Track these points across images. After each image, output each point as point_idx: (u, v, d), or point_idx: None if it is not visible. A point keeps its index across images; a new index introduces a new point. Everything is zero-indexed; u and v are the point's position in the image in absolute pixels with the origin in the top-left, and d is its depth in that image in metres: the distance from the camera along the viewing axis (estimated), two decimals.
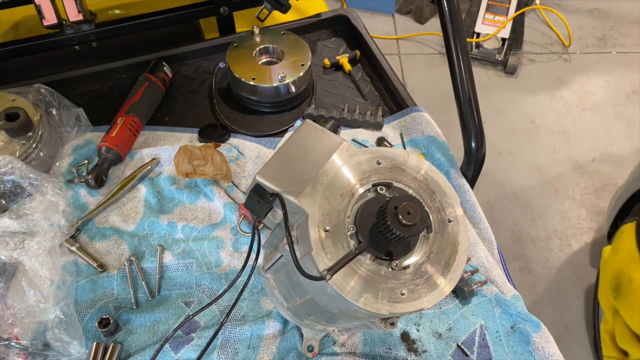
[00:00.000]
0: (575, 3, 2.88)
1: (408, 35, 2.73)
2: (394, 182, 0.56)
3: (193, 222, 0.91)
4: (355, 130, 1.05)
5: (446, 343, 0.80)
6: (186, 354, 0.76)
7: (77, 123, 0.99)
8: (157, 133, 1.03)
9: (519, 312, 0.82)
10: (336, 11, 1.25)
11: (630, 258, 1.06)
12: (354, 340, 0.80)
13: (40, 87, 0.98)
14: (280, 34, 1.11)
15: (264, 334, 0.79)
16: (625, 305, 0.95)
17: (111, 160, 0.94)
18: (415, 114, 1.05)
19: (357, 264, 0.51)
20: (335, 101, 1.11)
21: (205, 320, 0.81)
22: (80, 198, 0.93)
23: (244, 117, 1.08)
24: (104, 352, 0.76)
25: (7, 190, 0.84)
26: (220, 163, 0.94)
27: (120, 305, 0.82)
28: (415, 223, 0.48)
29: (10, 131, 0.89)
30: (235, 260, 0.87)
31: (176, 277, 0.86)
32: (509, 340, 0.80)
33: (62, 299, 0.77)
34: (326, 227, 0.51)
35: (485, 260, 0.88)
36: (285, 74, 1.03)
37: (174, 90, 1.11)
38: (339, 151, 0.57)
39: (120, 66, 1.13)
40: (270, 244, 0.68)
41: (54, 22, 1.02)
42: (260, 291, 0.84)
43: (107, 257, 0.87)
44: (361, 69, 1.17)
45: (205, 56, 1.18)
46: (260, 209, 0.56)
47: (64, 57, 1.14)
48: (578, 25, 2.77)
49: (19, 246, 0.77)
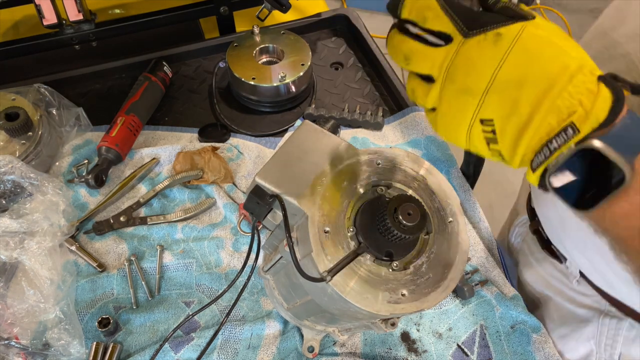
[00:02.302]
0: (575, 3, 2.88)
1: None
2: (394, 183, 0.56)
3: (193, 222, 0.91)
4: (356, 130, 1.05)
5: (446, 343, 0.80)
6: (186, 353, 0.76)
7: (77, 123, 0.99)
8: (157, 133, 1.03)
9: (519, 312, 0.82)
10: (336, 11, 1.24)
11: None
12: (354, 340, 0.80)
13: (40, 87, 0.98)
14: (280, 33, 1.11)
15: (264, 334, 0.79)
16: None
17: (111, 160, 0.94)
18: (416, 114, 1.05)
19: (357, 264, 0.51)
20: (335, 101, 1.11)
21: (205, 320, 0.81)
22: (80, 198, 0.93)
23: (244, 117, 1.08)
24: (103, 352, 0.76)
25: (7, 190, 0.84)
26: (218, 166, 0.94)
27: (120, 305, 0.82)
28: (415, 224, 0.48)
29: (10, 131, 0.88)
30: (235, 260, 0.87)
31: (176, 277, 0.86)
32: (509, 340, 0.80)
33: (62, 298, 0.77)
34: (326, 228, 0.51)
35: (485, 260, 0.88)
36: (285, 74, 1.03)
37: (174, 90, 1.11)
38: (338, 152, 0.57)
39: (120, 66, 1.13)
40: (270, 245, 0.68)
41: (53, 22, 1.02)
42: (260, 291, 0.84)
43: (106, 257, 0.87)
44: (361, 69, 1.17)
45: (205, 56, 1.18)
46: (259, 210, 0.56)
47: (64, 56, 1.14)
48: (578, 24, 2.76)
49: (19, 246, 0.77)
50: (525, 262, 0.93)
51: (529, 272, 0.92)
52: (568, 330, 0.84)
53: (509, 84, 0.43)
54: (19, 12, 1.12)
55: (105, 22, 1.12)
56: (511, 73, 0.43)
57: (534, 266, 0.91)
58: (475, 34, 0.44)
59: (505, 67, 0.43)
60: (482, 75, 0.44)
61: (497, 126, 0.45)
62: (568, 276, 0.82)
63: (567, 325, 0.85)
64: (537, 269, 0.90)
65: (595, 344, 0.81)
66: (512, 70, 0.43)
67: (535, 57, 0.42)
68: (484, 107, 0.45)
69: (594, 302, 0.80)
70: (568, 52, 0.42)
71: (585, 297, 0.81)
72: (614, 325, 0.78)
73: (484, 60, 0.44)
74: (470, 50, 0.44)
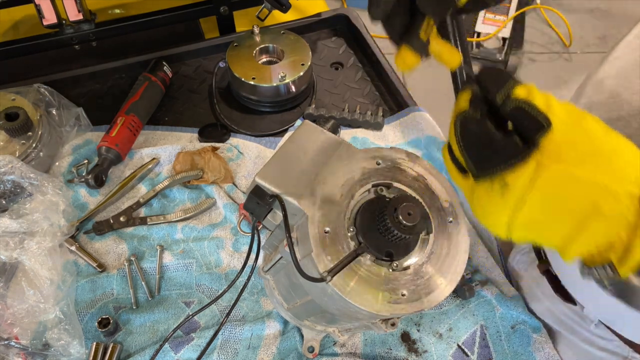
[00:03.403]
0: (575, 2, 2.88)
1: None
2: (394, 183, 0.56)
3: (193, 222, 0.91)
4: (355, 130, 1.05)
5: (447, 343, 0.80)
6: (186, 354, 0.76)
7: (77, 123, 0.99)
8: (157, 133, 1.03)
9: (520, 313, 0.82)
10: (336, 10, 1.24)
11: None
12: (354, 340, 0.80)
13: (40, 87, 0.97)
14: (280, 33, 1.11)
15: (264, 334, 0.79)
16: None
17: (111, 160, 0.94)
18: (415, 114, 1.05)
19: (357, 265, 0.51)
20: (335, 101, 1.11)
21: (205, 320, 0.81)
22: (80, 198, 0.93)
23: (244, 117, 1.08)
24: (103, 352, 0.76)
25: (7, 190, 0.84)
26: (218, 167, 0.94)
27: (120, 305, 0.82)
28: (415, 224, 0.47)
29: (10, 131, 0.88)
30: (235, 260, 0.87)
31: (176, 277, 0.86)
32: (509, 341, 0.80)
33: (62, 298, 0.77)
34: (326, 228, 0.51)
35: (486, 260, 0.88)
36: (285, 74, 1.03)
37: (173, 90, 1.11)
38: (338, 152, 0.57)
39: (120, 66, 1.13)
40: (270, 245, 0.68)
41: (53, 22, 1.02)
42: (260, 291, 0.84)
43: (106, 257, 0.87)
44: (361, 69, 1.17)
45: (205, 56, 1.17)
46: (259, 211, 0.56)
47: (64, 56, 1.14)
48: (579, 24, 2.76)
49: (19, 246, 0.77)
50: (531, 293, 0.83)
51: (536, 304, 0.83)
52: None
53: (531, 225, 0.41)
54: (19, 12, 1.12)
55: (105, 22, 1.12)
56: (530, 217, 0.41)
57: (542, 300, 0.81)
58: (482, 180, 0.43)
59: (521, 217, 0.41)
60: (497, 223, 0.43)
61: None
62: (584, 319, 0.74)
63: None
64: (545, 304, 0.81)
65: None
66: (530, 215, 0.40)
67: (557, 201, 0.39)
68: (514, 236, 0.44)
69: (616, 347, 0.72)
70: (597, 183, 0.38)
71: (605, 341, 0.73)
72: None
73: (495, 209, 0.42)
74: (481, 197, 0.43)
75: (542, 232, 0.42)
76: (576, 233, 0.39)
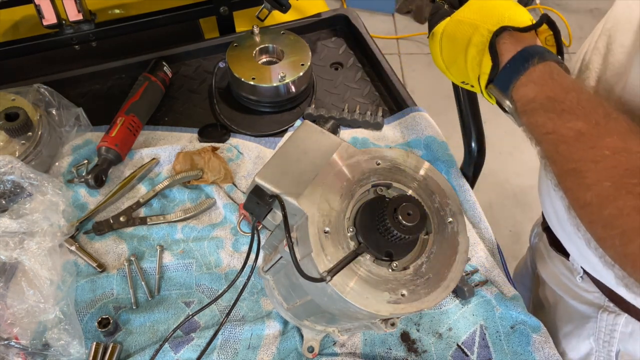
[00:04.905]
0: (575, 3, 2.88)
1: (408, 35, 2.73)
2: (394, 183, 0.56)
3: (193, 222, 0.91)
4: (355, 130, 1.05)
5: (446, 343, 0.80)
6: (186, 354, 0.76)
7: (77, 123, 0.99)
8: (157, 133, 1.03)
9: (519, 312, 0.82)
10: (336, 11, 1.24)
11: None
12: (354, 340, 0.80)
13: (40, 87, 0.98)
14: (280, 33, 1.11)
15: (264, 334, 0.79)
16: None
17: (111, 160, 0.94)
18: (415, 114, 1.05)
19: (357, 265, 0.51)
20: (335, 101, 1.11)
21: (205, 320, 0.81)
22: (80, 198, 0.93)
23: (244, 117, 1.08)
24: (103, 352, 0.76)
25: (7, 190, 0.84)
26: (218, 167, 0.94)
27: (120, 305, 0.82)
28: (415, 224, 0.48)
29: (10, 131, 0.88)
30: (235, 260, 0.87)
31: (176, 277, 0.86)
32: (509, 341, 0.80)
33: (62, 298, 0.77)
34: (326, 228, 0.51)
35: (485, 260, 0.88)
36: (285, 74, 1.03)
37: (173, 90, 1.11)
38: (338, 152, 0.57)
39: (120, 66, 1.13)
40: (270, 245, 0.68)
41: (53, 22, 1.02)
42: (260, 291, 0.84)
43: (106, 257, 0.87)
44: (361, 69, 1.17)
45: (205, 56, 1.17)
46: (259, 211, 0.56)
47: (64, 57, 1.14)
48: (578, 25, 2.76)
49: (19, 246, 0.77)
50: (541, 260, 0.95)
51: (545, 271, 0.94)
52: (571, 327, 0.85)
53: (449, 62, 0.66)
54: (19, 12, 1.12)
55: (105, 22, 1.12)
56: (447, 57, 0.65)
57: (548, 264, 0.92)
58: (430, 37, 0.68)
59: (445, 57, 0.66)
60: (440, 67, 0.68)
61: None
62: (573, 272, 0.84)
63: (571, 322, 0.86)
64: (550, 267, 0.92)
65: (594, 341, 0.82)
66: (447, 56, 0.65)
67: (452, 39, 0.63)
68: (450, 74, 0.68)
69: (595, 298, 0.81)
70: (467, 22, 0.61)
71: (588, 293, 0.82)
72: (611, 321, 0.79)
73: (435, 57, 0.68)
74: (431, 49, 0.68)
75: (452, 65, 0.64)
76: (462, 60, 0.61)
